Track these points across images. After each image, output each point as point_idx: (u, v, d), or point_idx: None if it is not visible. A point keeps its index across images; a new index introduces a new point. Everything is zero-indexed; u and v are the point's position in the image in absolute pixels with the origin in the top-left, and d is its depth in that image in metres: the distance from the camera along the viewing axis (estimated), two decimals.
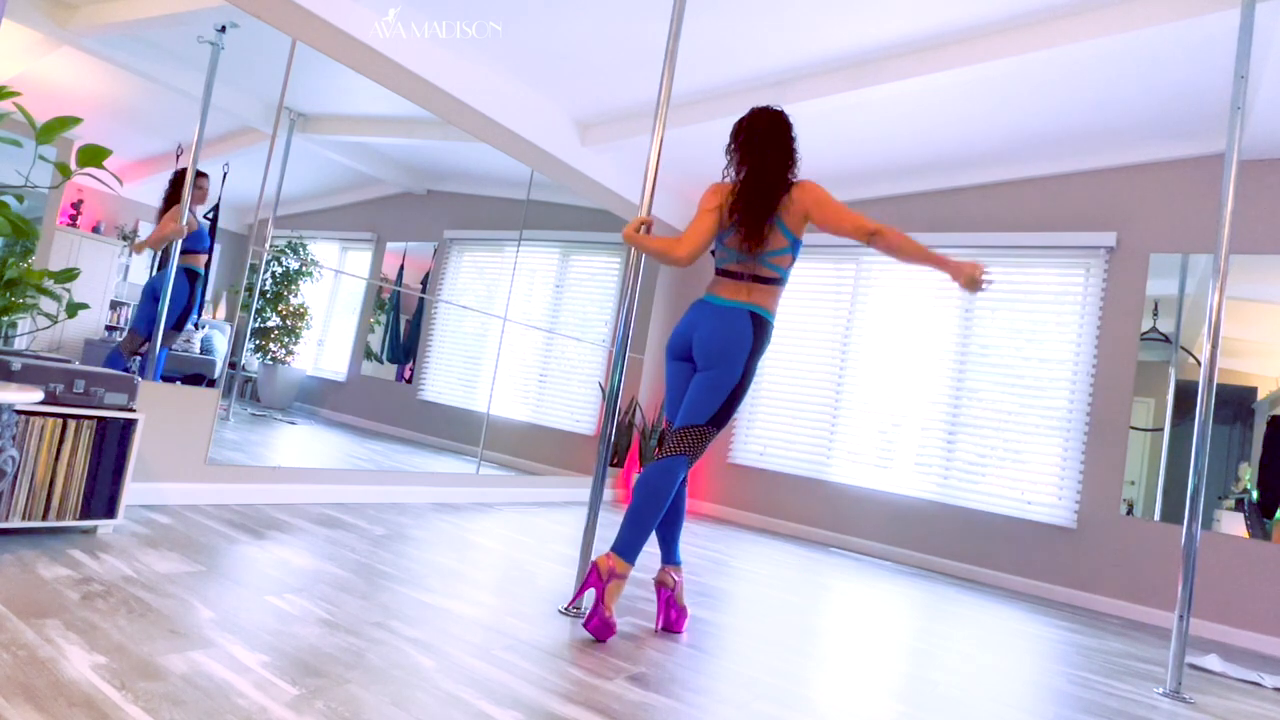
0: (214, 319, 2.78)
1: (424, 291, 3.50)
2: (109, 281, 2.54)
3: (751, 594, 2.69)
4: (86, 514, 2.03)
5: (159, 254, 2.62)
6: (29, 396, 1.50)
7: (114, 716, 1.08)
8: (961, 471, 4.03)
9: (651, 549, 3.30)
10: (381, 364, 3.40)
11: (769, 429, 4.69)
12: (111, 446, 2.07)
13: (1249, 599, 3.28)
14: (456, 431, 3.72)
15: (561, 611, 2.06)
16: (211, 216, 2.72)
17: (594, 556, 2.84)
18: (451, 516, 3.23)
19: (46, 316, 2.34)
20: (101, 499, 2.06)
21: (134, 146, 2.54)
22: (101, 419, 2.05)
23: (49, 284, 2.27)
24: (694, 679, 1.70)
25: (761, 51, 3.20)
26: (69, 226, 2.44)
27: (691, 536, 3.78)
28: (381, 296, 3.33)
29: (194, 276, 2.71)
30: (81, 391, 2.03)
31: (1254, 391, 3.41)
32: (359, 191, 3.24)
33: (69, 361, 2.12)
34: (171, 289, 2.64)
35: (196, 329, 2.73)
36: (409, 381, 3.47)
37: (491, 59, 3.50)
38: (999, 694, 1.97)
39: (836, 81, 3.29)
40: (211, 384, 2.73)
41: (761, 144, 2.04)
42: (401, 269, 3.39)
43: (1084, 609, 3.57)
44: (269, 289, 2.93)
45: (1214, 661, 2.70)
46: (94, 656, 1.27)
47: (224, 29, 2.65)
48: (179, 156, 2.64)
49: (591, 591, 2.24)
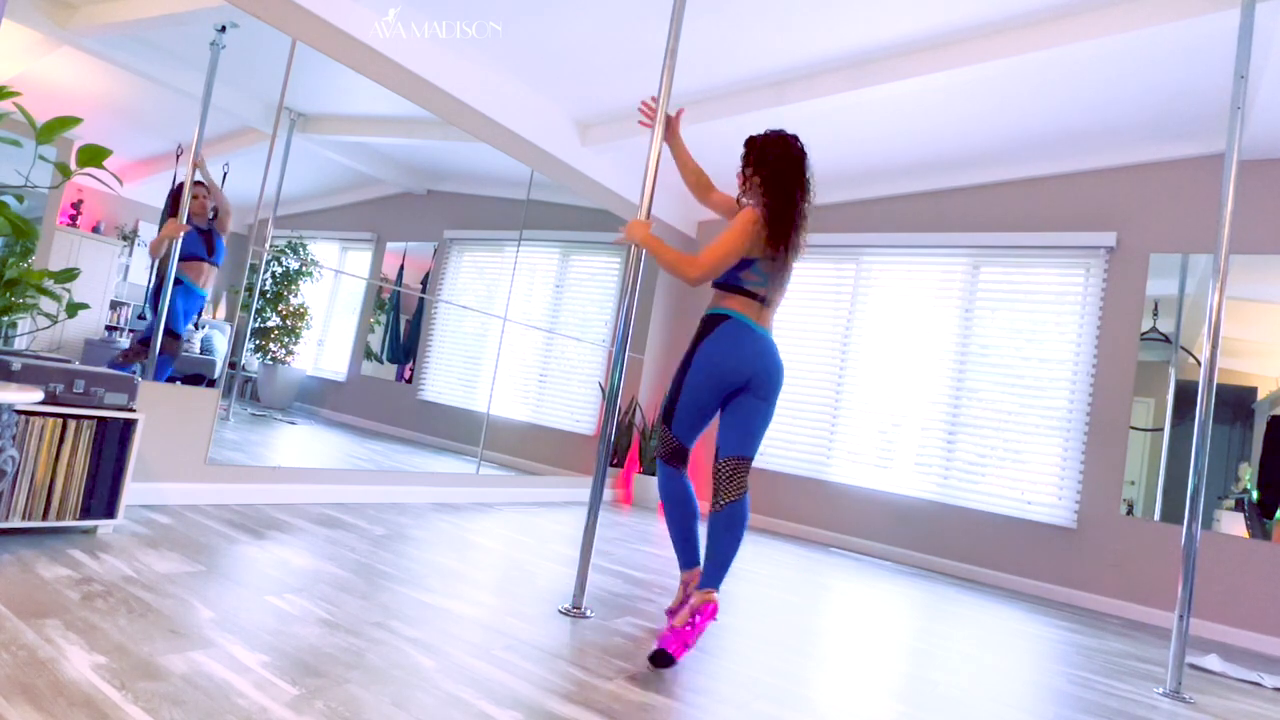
0: (214, 319, 2.78)
1: (424, 291, 3.50)
2: (109, 281, 2.54)
3: (752, 594, 2.69)
4: (86, 514, 2.03)
5: (157, 263, 2.62)
6: (29, 396, 1.50)
7: (114, 716, 1.08)
8: (961, 471, 4.03)
9: (669, 567, 3.30)
10: (381, 364, 3.40)
11: (769, 429, 4.68)
12: (111, 446, 2.07)
13: (1249, 599, 3.29)
14: (456, 431, 3.72)
15: (562, 611, 2.06)
16: (207, 229, 2.71)
17: (594, 558, 2.85)
18: (451, 516, 3.23)
19: (46, 316, 2.35)
20: (101, 499, 2.06)
21: (134, 146, 2.54)
22: (101, 419, 2.05)
23: (49, 284, 2.27)
24: (694, 679, 1.70)
25: (761, 52, 3.20)
26: (69, 226, 2.44)
27: None
28: (381, 296, 3.33)
29: (181, 284, 2.69)
30: (81, 391, 2.03)
31: (1254, 391, 3.41)
32: (359, 191, 3.24)
33: (69, 361, 2.12)
34: (170, 297, 2.64)
35: (196, 328, 2.73)
36: (409, 381, 3.47)
37: (491, 59, 3.50)
38: (999, 694, 1.97)
39: (835, 82, 3.29)
40: (211, 384, 2.73)
41: (802, 173, 2.05)
42: (401, 269, 3.39)
43: (1084, 609, 3.57)
44: (269, 289, 2.93)
45: (1214, 661, 2.70)
46: (94, 656, 1.27)
47: (224, 29, 2.65)
48: (179, 156, 2.65)
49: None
